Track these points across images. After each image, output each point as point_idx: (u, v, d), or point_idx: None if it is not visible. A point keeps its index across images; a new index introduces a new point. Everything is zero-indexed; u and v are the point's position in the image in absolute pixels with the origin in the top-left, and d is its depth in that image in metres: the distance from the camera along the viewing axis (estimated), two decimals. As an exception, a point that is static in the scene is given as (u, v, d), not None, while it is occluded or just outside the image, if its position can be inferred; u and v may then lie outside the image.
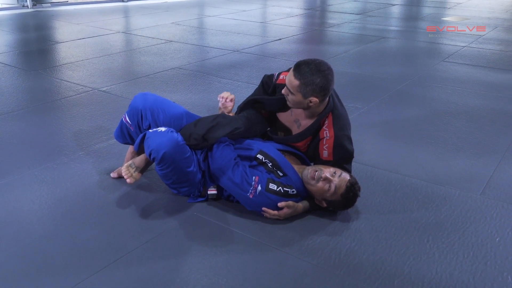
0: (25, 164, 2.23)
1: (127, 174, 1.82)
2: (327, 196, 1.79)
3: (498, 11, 7.85)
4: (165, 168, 1.77)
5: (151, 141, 1.74)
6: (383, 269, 1.58)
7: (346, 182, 1.77)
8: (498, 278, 1.56)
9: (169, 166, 1.76)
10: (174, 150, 1.73)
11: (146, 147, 1.77)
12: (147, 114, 1.94)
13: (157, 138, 1.74)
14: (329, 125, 1.86)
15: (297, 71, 1.78)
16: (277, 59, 4.38)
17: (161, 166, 1.76)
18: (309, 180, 1.80)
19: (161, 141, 1.72)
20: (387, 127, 2.83)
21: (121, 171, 2.09)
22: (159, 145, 1.71)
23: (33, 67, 3.90)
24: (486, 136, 2.71)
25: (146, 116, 1.94)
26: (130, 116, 1.97)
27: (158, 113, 1.94)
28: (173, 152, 1.73)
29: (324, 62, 1.80)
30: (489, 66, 4.29)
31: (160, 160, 1.73)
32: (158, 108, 1.95)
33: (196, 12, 7.24)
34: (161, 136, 1.74)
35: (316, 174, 1.78)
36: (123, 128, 2.03)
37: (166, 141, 1.72)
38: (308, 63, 1.77)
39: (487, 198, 2.05)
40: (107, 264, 1.56)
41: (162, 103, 1.98)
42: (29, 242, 1.68)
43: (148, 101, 1.96)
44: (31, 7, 6.97)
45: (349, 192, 1.77)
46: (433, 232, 1.79)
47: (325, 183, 1.77)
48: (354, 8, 8.08)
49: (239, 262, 1.60)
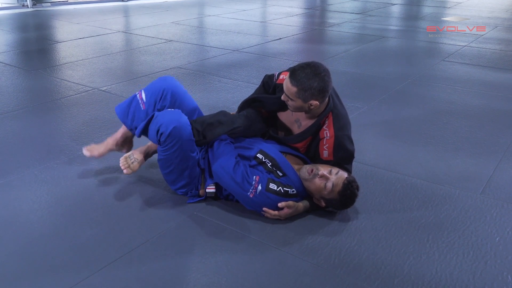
0: (25, 163, 2.23)
1: (124, 165, 1.82)
2: (325, 194, 1.79)
3: (498, 11, 7.85)
4: (171, 147, 1.77)
5: (161, 117, 1.78)
6: (383, 268, 1.58)
7: (343, 180, 1.77)
8: (498, 277, 1.56)
9: (175, 144, 1.76)
10: (183, 127, 1.76)
11: (154, 124, 1.79)
12: (167, 95, 1.96)
13: (167, 114, 1.79)
14: (329, 125, 1.86)
15: (293, 77, 1.76)
16: (277, 58, 4.37)
17: (167, 144, 1.77)
18: (306, 176, 1.80)
19: (172, 117, 1.77)
20: (387, 126, 2.83)
21: (93, 149, 2.09)
22: (169, 119, 1.75)
23: (33, 67, 3.90)
24: (486, 136, 2.70)
25: (166, 97, 1.97)
26: (148, 93, 1.98)
27: (176, 99, 1.97)
28: (182, 129, 1.76)
29: (319, 64, 1.79)
30: (489, 65, 4.28)
31: (168, 135, 1.74)
32: (180, 94, 1.99)
33: (196, 11, 7.24)
34: (171, 113, 1.80)
35: (313, 171, 1.79)
36: (132, 104, 2.01)
37: (177, 117, 1.77)
38: (303, 67, 1.76)
39: (487, 198, 2.05)
40: (107, 263, 1.56)
41: (182, 92, 2.02)
42: (29, 241, 1.68)
43: (172, 84, 2.01)
44: (31, 6, 6.97)
45: (347, 190, 1.76)
46: (433, 232, 1.79)
47: (322, 180, 1.77)
48: (354, 7, 8.07)
49: (239, 262, 1.60)
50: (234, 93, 3.30)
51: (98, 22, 5.99)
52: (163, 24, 5.96)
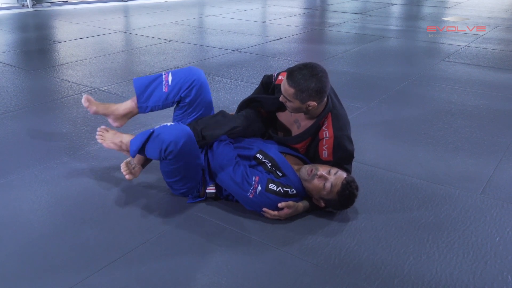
0: (25, 163, 2.23)
1: (126, 171, 1.82)
2: (324, 195, 1.78)
3: (498, 11, 7.85)
4: (179, 160, 1.73)
5: (166, 134, 1.69)
6: (383, 268, 1.58)
7: (342, 180, 1.76)
8: (498, 277, 1.55)
9: (183, 158, 1.73)
10: (190, 140, 1.72)
11: (157, 143, 1.70)
12: (193, 88, 1.93)
13: (172, 130, 1.70)
14: (328, 125, 1.86)
15: (290, 78, 1.75)
16: (277, 58, 4.37)
17: (176, 159, 1.71)
18: (305, 177, 1.80)
19: (178, 133, 1.69)
20: (387, 126, 2.83)
21: (92, 104, 2.03)
22: (177, 136, 1.68)
23: (33, 67, 3.90)
24: (486, 136, 2.70)
25: (192, 90, 1.93)
26: (176, 78, 1.93)
27: (200, 94, 1.95)
28: (190, 142, 1.72)
29: (316, 65, 1.78)
30: (489, 65, 4.28)
31: (178, 151, 1.68)
32: (204, 90, 1.98)
33: (196, 11, 7.23)
34: (174, 128, 1.71)
35: (312, 171, 1.79)
36: (154, 82, 1.96)
37: (182, 131, 1.70)
38: (300, 69, 1.75)
39: (487, 198, 2.05)
40: (107, 263, 1.56)
41: (207, 88, 2.01)
42: (29, 241, 1.68)
43: (202, 79, 1.98)
44: (31, 6, 6.96)
45: (345, 190, 1.76)
46: (433, 232, 1.79)
47: (321, 180, 1.77)
48: (354, 7, 8.07)
49: (239, 262, 1.60)
50: (234, 93, 3.30)
51: (98, 22, 5.99)
52: (163, 24, 5.96)
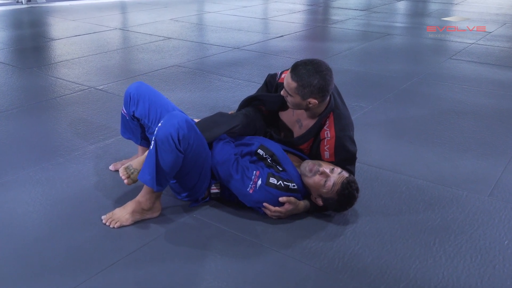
0: (20, 164, 2.20)
1: (124, 175, 1.79)
2: (323, 192, 1.76)
3: (507, 7, 7.77)
4: (192, 141, 1.68)
5: (168, 127, 1.65)
6: (388, 272, 1.55)
7: (343, 179, 1.74)
8: (507, 282, 1.52)
9: (194, 137, 1.68)
10: (187, 121, 1.69)
11: (166, 141, 1.65)
12: (133, 96, 1.92)
13: (167, 122, 1.67)
14: (330, 125, 1.83)
15: (294, 72, 1.75)
16: (279, 56, 4.34)
17: (188, 141, 1.67)
18: (307, 172, 1.78)
19: (173, 119, 1.66)
20: (392, 126, 2.79)
21: (118, 167, 2.11)
22: (174, 123, 1.65)
23: (27, 65, 3.87)
24: (494, 136, 2.66)
25: (132, 98, 1.93)
26: (124, 103, 1.98)
27: (139, 97, 1.92)
28: (189, 121, 1.69)
29: (322, 62, 1.77)
30: (497, 63, 4.23)
31: (187, 131, 1.65)
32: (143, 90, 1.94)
33: (195, 8, 7.18)
34: (168, 120, 1.68)
35: (315, 167, 1.76)
36: (122, 121, 2.05)
37: (176, 117, 1.68)
38: (305, 64, 1.74)
39: (496, 200, 2.01)
40: (105, 267, 1.54)
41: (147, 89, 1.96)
42: (24, 244, 1.65)
43: (134, 86, 1.96)
44: (26, 3, 6.95)
45: (345, 189, 1.73)
46: (439, 235, 1.76)
47: (322, 177, 1.74)
48: (358, 4, 8.02)
49: (239, 265, 1.57)
50: (234, 92, 3.27)
51: (95, 19, 5.93)
52: (161, 21, 5.92)
